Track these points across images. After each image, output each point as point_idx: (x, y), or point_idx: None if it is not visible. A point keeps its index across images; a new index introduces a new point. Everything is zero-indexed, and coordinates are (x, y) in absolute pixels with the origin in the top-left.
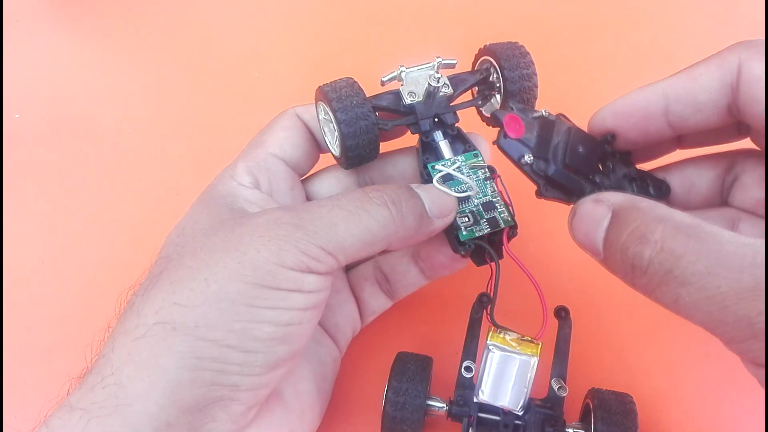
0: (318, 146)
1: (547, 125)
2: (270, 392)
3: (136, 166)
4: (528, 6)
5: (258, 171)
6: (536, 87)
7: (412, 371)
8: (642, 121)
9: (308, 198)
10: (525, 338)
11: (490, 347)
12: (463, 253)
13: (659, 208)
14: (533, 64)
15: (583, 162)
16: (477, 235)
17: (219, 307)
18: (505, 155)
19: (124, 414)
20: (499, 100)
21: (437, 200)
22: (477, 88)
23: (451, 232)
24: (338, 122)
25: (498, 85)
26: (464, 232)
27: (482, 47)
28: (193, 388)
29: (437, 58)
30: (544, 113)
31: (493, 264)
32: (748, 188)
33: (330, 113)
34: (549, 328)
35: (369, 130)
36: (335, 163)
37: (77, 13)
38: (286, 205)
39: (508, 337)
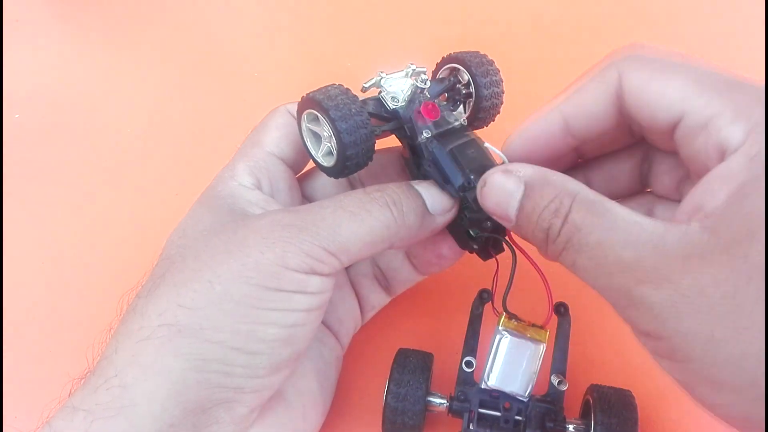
0: None
1: (457, 130)
2: (273, 393)
3: (136, 166)
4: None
5: (259, 171)
6: (503, 93)
7: (413, 364)
8: (549, 140)
9: (304, 196)
10: (535, 325)
11: (502, 332)
12: (476, 246)
13: (570, 182)
14: (499, 71)
15: (468, 160)
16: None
17: (223, 309)
18: (414, 126)
19: (128, 415)
20: (468, 106)
21: (438, 196)
22: (447, 94)
23: (457, 228)
24: (338, 132)
25: (464, 91)
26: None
27: (446, 56)
28: (198, 390)
29: (410, 65)
30: (463, 122)
31: (497, 257)
32: (660, 177)
33: (327, 122)
34: (549, 325)
35: (368, 138)
36: None
37: (77, 14)
38: (287, 207)
39: (518, 324)
